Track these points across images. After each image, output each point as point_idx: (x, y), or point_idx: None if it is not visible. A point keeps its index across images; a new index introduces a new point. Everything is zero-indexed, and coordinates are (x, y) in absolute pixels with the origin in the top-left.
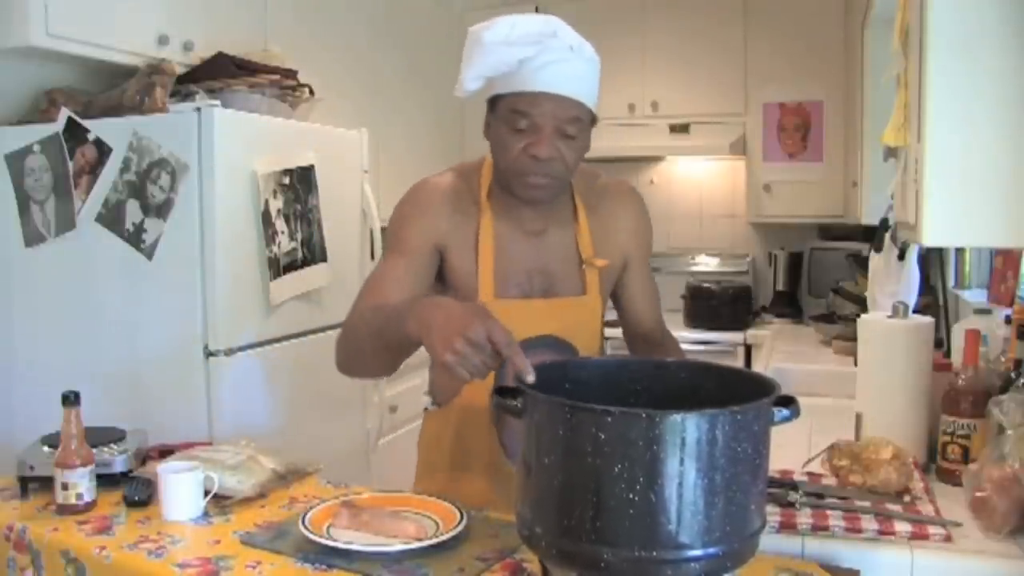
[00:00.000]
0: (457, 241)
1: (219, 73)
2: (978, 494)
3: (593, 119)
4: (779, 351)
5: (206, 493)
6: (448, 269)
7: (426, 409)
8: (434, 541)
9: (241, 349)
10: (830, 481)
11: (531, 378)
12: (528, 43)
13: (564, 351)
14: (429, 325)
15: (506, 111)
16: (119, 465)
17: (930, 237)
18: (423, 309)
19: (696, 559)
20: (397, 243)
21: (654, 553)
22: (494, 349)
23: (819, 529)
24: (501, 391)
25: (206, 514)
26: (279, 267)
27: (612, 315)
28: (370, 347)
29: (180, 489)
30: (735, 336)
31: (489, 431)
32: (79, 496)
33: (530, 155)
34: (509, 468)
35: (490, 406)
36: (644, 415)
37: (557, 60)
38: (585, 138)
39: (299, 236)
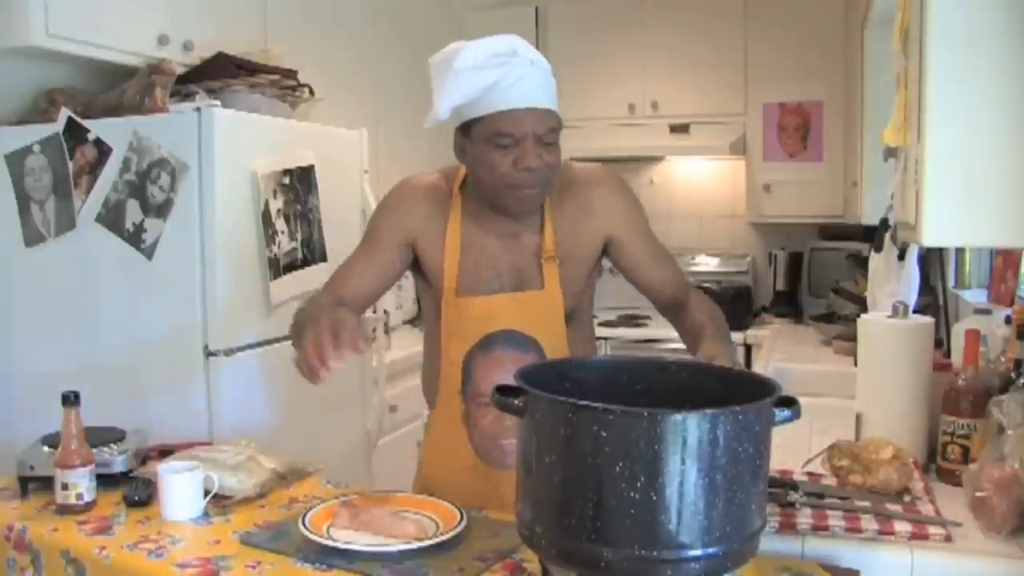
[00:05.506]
0: (428, 238)
1: (219, 73)
2: (978, 494)
3: (561, 123)
4: (779, 351)
5: (206, 493)
6: (422, 265)
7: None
8: (434, 541)
9: (241, 349)
10: (830, 481)
11: (364, 346)
12: (495, 65)
13: (524, 344)
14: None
15: (487, 133)
16: (119, 465)
17: (930, 237)
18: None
19: (696, 559)
20: (368, 235)
21: (654, 553)
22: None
23: (819, 529)
24: (502, 389)
25: (206, 514)
26: (279, 267)
27: (611, 315)
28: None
29: (180, 489)
30: (735, 336)
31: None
32: (79, 496)
33: (521, 168)
34: (486, 467)
35: (461, 408)
36: (646, 414)
37: (523, 76)
38: (558, 143)
39: (299, 236)
